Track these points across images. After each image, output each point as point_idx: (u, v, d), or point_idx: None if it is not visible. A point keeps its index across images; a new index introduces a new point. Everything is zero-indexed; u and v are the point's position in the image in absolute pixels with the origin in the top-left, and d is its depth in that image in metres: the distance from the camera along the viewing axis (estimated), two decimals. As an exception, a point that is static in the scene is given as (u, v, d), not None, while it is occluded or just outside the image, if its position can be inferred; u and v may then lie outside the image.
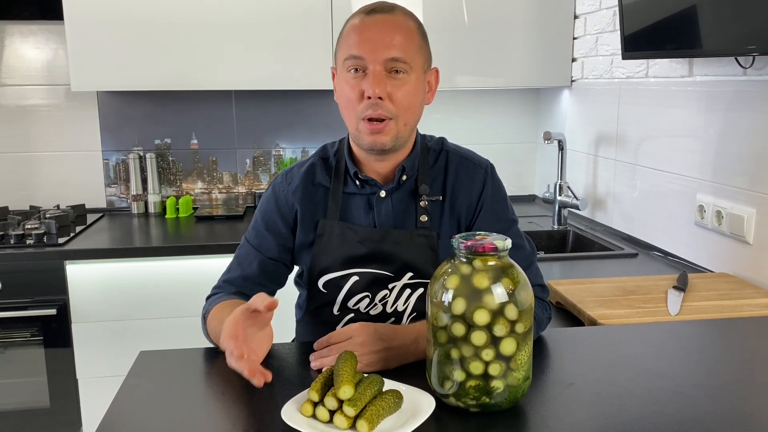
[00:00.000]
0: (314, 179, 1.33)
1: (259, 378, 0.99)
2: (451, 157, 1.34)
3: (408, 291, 1.31)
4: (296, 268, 1.42)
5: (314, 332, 1.33)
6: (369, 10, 1.23)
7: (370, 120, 1.21)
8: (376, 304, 1.32)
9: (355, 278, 1.31)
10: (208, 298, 1.36)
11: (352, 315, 1.33)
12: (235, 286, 1.34)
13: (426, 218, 1.30)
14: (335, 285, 1.32)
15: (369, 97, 1.19)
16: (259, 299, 1.05)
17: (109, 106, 2.75)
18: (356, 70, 1.20)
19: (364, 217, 1.31)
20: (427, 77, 1.28)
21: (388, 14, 1.22)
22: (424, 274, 1.29)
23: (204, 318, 1.30)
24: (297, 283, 1.43)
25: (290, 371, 1.17)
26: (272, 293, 1.37)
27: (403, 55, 1.19)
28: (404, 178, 1.30)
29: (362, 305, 1.32)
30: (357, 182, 1.31)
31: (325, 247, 1.31)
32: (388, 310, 1.32)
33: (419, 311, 1.33)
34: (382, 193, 1.30)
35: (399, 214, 1.31)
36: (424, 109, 1.29)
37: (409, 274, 1.30)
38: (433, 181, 1.32)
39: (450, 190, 1.31)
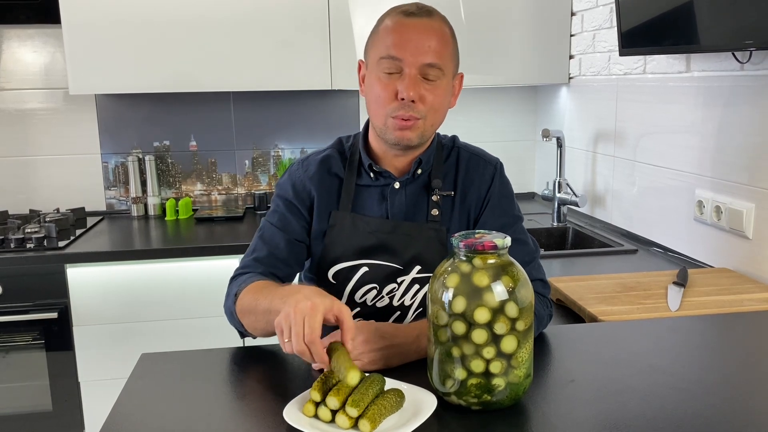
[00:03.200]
0: (330, 169, 1.35)
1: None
2: (462, 153, 1.37)
3: (417, 287, 1.33)
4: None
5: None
6: (408, 12, 1.23)
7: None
8: (383, 297, 1.33)
9: (364, 269, 1.32)
10: (233, 278, 1.32)
11: (358, 309, 1.34)
12: (264, 265, 1.32)
13: (437, 212, 1.32)
14: (344, 276, 1.33)
15: (402, 99, 1.21)
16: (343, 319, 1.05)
17: (107, 109, 2.75)
18: (390, 70, 1.22)
19: (377, 208, 1.33)
20: (454, 81, 1.30)
21: (427, 18, 1.23)
22: (433, 269, 1.30)
23: (235, 296, 1.25)
24: (307, 278, 1.43)
25: (292, 371, 1.17)
26: (293, 275, 1.37)
27: (438, 60, 1.21)
28: (419, 171, 1.33)
29: (369, 297, 1.33)
30: (372, 174, 1.33)
31: (336, 237, 1.32)
32: (395, 303, 1.33)
33: (426, 307, 1.33)
34: (397, 185, 1.33)
35: (411, 207, 1.33)
36: (447, 111, 1.31)
37: (418, 268, 1.32)
38: (445, 176, 1.34)
39: (460, 186, 1.34)
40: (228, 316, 1.29)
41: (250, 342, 1.29)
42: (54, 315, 2.19)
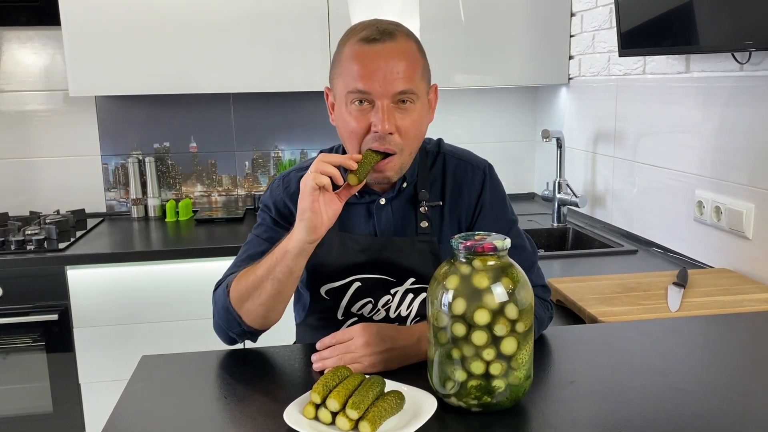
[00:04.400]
0: None
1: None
2: (448, 159, 1.33)
3: (411, 296, 1.31)
4: None
5: (316, 336, 1.32)
6: (370, 38, 1.15)
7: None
8: (379, 310, 1.31)
9: (357, 284, 1.30)
10: (218, 283, 1.30)
11: (355, 319, 1.33)
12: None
13: (426, 224, 1.29)
14: (337, 292, 1.32)
15: (376, 132, 1.16)
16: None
17: (107, 111, 2.75)
18: (361, 102, 1.17)
19: (364, 225, 1.31)
20: (429, 96, 1.25)
21: (390, 41, 1.15)
22: (427, 280, 1.28)
23: (226, 287, 1.22)
24: (302, 288, 1.42)
25: (292, 373, 1.17)
26: None
27: (410, 86, 1.16)
28: (404, 185, 1.30)
29: (365, 310, 1.32)
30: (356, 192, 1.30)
31: (325, 257, 1.29)
32: (392, 315, 1.32)
33: (423, 316, 1.32)
34: (382, 201, 1.30)
35: (399, 221, 1.30)
36: (427, 129, 1.27)
37: (412, 279, 1.30)
38: (432, 185, 1.31)
39: (449, 194, 1.31)
40: (223, 319, 1.23)
41: (250, 344, 1.29)
42: (54, 317, 2.19)
